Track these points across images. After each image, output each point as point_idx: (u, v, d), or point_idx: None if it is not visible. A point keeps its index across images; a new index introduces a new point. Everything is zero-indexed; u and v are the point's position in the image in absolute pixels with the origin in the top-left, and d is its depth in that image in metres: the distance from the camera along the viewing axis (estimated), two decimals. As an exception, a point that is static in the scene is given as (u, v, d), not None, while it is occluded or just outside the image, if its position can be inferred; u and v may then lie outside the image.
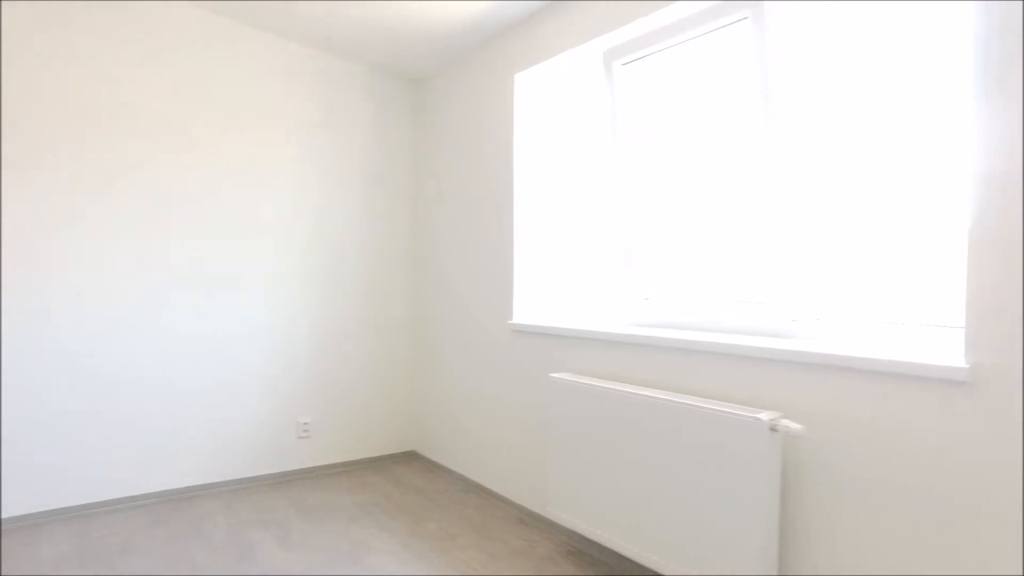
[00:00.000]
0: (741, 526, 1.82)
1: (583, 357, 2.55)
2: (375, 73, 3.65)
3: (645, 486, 2.09)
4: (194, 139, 3.06)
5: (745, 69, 2.16)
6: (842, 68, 1.91)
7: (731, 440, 1.84)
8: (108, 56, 2.83)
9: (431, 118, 3.62)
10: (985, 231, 1.48)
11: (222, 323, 3.15)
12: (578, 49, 2.58)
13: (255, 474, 3.27)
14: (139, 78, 2.91)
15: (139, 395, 2.94)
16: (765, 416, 1.79)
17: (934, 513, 1.57)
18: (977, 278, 1.49)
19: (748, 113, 2.16)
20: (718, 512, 1.88)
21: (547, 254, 3.00)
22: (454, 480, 3.38)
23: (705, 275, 2.33)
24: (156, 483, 2.99)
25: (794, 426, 1.75)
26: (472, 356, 3.25)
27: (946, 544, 1.54)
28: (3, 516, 2.64)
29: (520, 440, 2.90)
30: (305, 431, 3.42)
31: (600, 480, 2.25)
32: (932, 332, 1.72)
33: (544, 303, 2.99)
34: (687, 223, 2.39)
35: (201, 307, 3.09)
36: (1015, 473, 1.43)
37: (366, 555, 2.46)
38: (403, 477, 3.43)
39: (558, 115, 2.97)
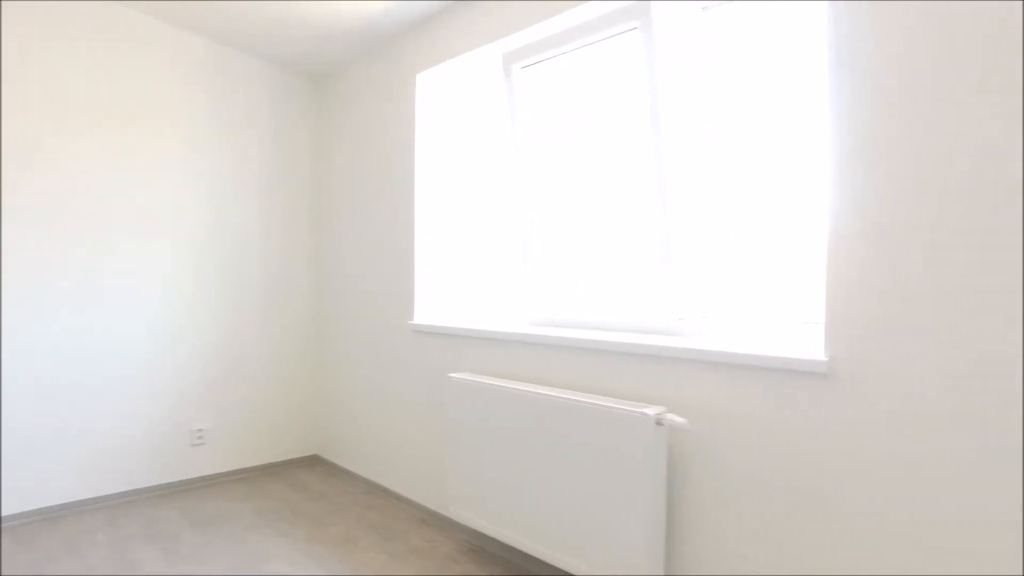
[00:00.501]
0: (630, 521, 1.88)
1: (482, 356, 2.57)
2: (275, 68, 3.52)
3: (541, 483, 2.13)
4: (80, 131, 2.85)
5: (634, 76, 2.25)
6: (723, 76, 2.03)
7: (620, 435, 1.90)
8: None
9: (333, 115, 3.54)
10: (840, 233, 1.59)
11: (110, 322, 2.95)
12: (479, 51, 2.59)
13: (143, 485, 3.09)
14: (24, 67, 2.67)
15: (11, 400, 2.70)
16: (651, 411, 1.86)
17: (804, 502, 1.66)
18: (834, 276, 1.59)
19: (637, 117, 2.25)
20: (609, 507, 1.94)
21: (449, 254, 3.00)
22: (358, 483, 3.32)
23: (600, 275, 2.41)
24: (27, 501, 2.76)
25: (678, 420, 1.83)
26: (375, 357, 3.21)
27: (815, 532, 1.64)
28: None
29: (422, 441, 2.90)
30: (200, 438, 3.26)
31: (499, 478, 2.28)
32: (806, 328, 1.85)
33: (445, 303, 2.99)
34: (582, 224, 2.46)
35: (86, 304, 2.89)
36: (873, 460, 1.54)
37: (263, 563, 2.38)
38: (305, 482, 3.35)
39: (460, 115, 2.99)
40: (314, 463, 3.68)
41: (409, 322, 2.94)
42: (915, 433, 1.48)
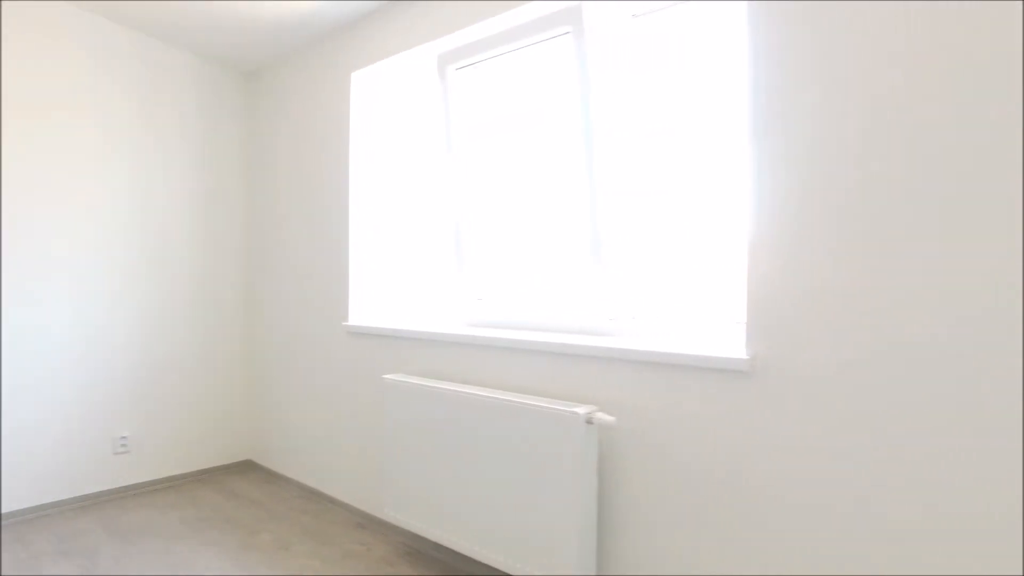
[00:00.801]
0: (562, 519, 1.90)
1: (417, 357, 2.56)
2: (204, 62, 3.39)
3: (476, 483, 2.13)
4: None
5: (567, 79, 2.28)
6: (652, 80, 2.08)
7: (552, 434, 1.92)
8: None
9: (266, 112, 3.44)
10: (759, 235, 1.65)
11: (24, 321, 2.78)
12: (414, 51, 2.57)
13: (59, 498, 2.92)
14: None
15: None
16: (582, 410, 1.89)
17: (730, 495, 1.72)
18: (754, 277, 1.66)
19: (570, 120, 2.29)
20: (542, 506, 1.95)
21: (384, 254, 2.97)
22: (292, 488, 3.25)
23: (533, 276, 2.44)
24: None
25: (607, 418, 1.87)
26: (310, 359, 3.14)
27: (741, 523, 1.69)
28: None
29: (357, 443, 2.86)
30: (123, 445, 3.12)
31: (434, 479, 2.27)
32: (734, 327, 1.91)
33: (381, 304, 2.96)
34: (516, 225, 2.48)
35: (-11, 310, 2.70)
36: (794, 452, 1.60)
37: (188, 573, 2.30)
38: (238, 488, 3.25)
39: (395, 115, 2.96)
40: (247, 469, 3.57)
41: (344, 323, 2.89)
42: (830, 425, 1.55)
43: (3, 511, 2.76)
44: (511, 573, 2.04)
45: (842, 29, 1.54)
